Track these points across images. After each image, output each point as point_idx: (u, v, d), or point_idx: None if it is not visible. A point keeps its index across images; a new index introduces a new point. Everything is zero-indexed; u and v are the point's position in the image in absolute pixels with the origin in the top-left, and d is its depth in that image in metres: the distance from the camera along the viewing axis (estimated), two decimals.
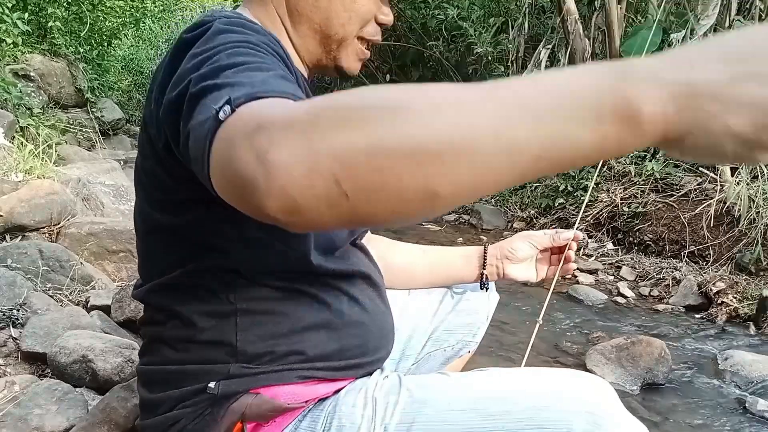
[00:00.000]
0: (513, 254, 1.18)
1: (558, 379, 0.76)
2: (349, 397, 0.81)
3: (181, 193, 0.74)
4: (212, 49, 0.63)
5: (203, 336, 0.79)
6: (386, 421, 0.77)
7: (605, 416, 0.71)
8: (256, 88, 0.51)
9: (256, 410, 0.78)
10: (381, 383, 0.82)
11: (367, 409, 0.79)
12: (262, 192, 0.43)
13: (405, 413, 0.76)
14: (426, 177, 0.40)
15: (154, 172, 0.76)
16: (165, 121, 0.66)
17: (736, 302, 2.56)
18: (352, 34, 0.86)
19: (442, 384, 0.80)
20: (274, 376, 0.80)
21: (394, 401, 0.78)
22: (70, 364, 1.39)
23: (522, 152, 0.39)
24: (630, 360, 1.96)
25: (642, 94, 0.38)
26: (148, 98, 0.76)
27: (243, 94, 0.50)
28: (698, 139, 0.39)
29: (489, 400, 0.75)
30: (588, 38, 3.82)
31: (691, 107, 0.38)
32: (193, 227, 0.77)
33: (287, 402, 0.80)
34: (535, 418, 0.72)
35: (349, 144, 0.40)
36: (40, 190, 2.22)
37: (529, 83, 0.41)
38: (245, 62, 0.59)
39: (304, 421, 0.81)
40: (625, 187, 3.54)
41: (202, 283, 0.79)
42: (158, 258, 0.83)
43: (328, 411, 0.81)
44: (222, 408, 0.78)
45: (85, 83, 5.80)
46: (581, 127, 0.39)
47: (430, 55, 5.64)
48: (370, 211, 0.42)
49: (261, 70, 0.57)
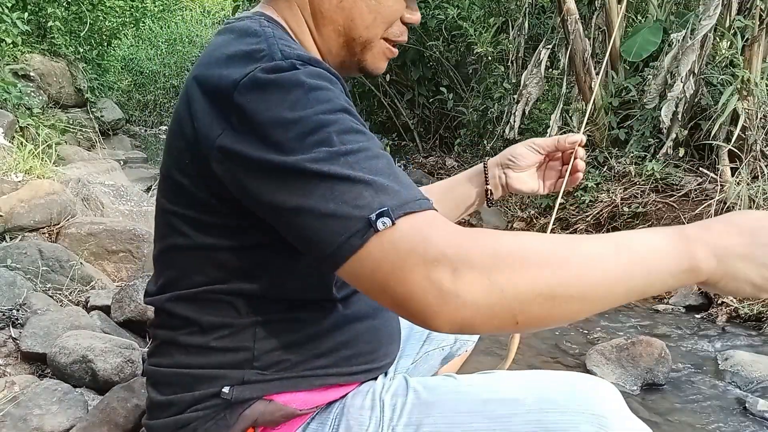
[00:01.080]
0: (514, 162, 1.12)
1: (564, 381, 0.76)
2: (356, 400, 0.81)
3: (234, 219, 0.73)
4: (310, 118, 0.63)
5: (220, 343, 0.79)
6: (394, 422, 0.77)
7: (611, 419, 0.71)
8: (404, 199, 0.60)
9: (269, 417, 0.78)
10: (387, 385, 0.82)
11: (375, 411, 0.79)
12: (440, 317, 0.57)
13: (412, 415, 0.77)
14: (575, 312, 0.59)
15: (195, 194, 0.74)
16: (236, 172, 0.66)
17: (737, 302, 2.56)
18: (377, 37, 0.83)
19: (448, 386, 0.80)
20: (288, 383, 0.79)
21: (401, 403, 0.78)
22: (70, 364, 1.39)
23: (635, 292, 0.60)
24: (630, 360, 1.96)
25: (700, 254, 0.60)
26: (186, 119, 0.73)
27: (395, 204, 0.59)
28: (728, 282, 0.61)
29: (496, 402, 0.75)
30: (588, 38, 3.82)
31: (726, 263, 0.60)
32: (237, 253, 0.76)
33: (299, 408, 0.80)
34: (542, 420, 0.72)
35: (528, 287, 0.57)
36: (39, 190, 2.22)
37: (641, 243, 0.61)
38: (361, 149, 0.63)
39: (312, 424, 0.81)
40: (626, 188, 3.53)
41: (226, 299, 0.78)
42: (183, 273, 0.81)
43: (335, 414, 0.81)
44: (235, 413, 0.78)
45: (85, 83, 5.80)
46: (670, 277, 0.60)
47: (430, 54, 5.64)
48: (527, 330, 0.61)
49: (378, 158, 0.64)
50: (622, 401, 0.75)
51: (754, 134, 3.20)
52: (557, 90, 4.11)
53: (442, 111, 5.73)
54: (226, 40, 0.75)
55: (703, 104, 3.47)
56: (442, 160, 5.44)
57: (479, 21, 4.93)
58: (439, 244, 0.58)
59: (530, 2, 4.52)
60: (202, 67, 0.74)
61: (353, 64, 0.85)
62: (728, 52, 3.46)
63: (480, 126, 5.08)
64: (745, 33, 3.37)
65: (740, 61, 3.32)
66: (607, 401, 0.74)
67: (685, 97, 3.38)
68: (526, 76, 4.02)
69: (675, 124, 3.44)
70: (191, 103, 0.72)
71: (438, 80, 5.76)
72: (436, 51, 5.47)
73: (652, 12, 4.11)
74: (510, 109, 4.25)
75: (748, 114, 3.22)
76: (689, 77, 3.36)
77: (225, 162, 0.67)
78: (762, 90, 3.25)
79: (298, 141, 0.62)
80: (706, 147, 3.48)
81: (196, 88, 0.72)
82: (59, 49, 5.56)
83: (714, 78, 3.47)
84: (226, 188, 0.69)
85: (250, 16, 0.79)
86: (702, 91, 3.48)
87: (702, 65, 3.39)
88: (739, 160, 3.26)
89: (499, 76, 4.71)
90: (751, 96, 3.23)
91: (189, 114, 0.72)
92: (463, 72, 5.57)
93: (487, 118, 4.93)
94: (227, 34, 0.77)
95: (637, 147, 3.65)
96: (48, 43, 5.54)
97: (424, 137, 5.94)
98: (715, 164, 3.36)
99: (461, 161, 5.27)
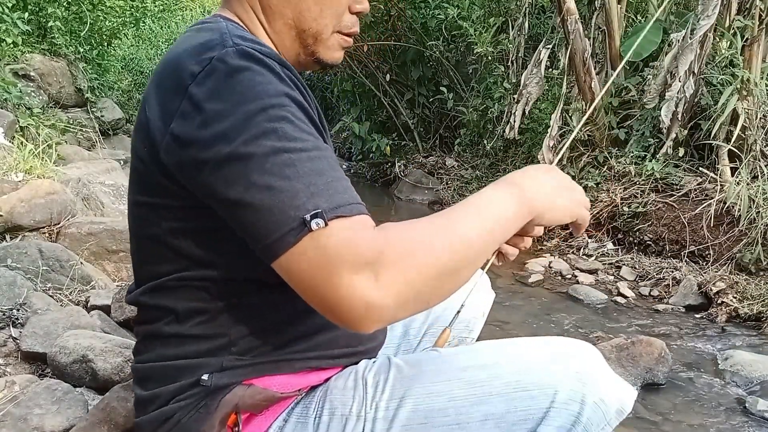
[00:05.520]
0: None
1: (544, 343, 0.79)
2: (339, 382, 0.82)
3: (190, 200, 0.74)
4: (258, 113, 0.66)
5: (197, 330, 0.79)
6: (377, 399, 0.78)
7: (592, 375, 0.74)
8: (337, 202, 0.64)
9: (249, 401, 0.79)
10: (370, 366, 0.84)
11: (358, 390, 0.80)
12: (366, 321, 0.64)
13: (395, 389, 0.78)
14: (468, 276, 0.71)
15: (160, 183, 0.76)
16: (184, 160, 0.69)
17: (737, 302, 2.56)
18: (327, 28, 0.85)
19: (430, 358, 0.83)
20: (267, 366, 0.80)
21: (384, 379, 0.80)
22: (70, 363, 1.38)
23: (497, 243, 0.75)
24: (630, 360, 1.96)
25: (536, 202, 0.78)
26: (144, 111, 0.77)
27: (329, 207, 0.63)
28: (548, 211, 0.79)
29: (476, 368, 0.77)
30: (588, 38, 3.82)
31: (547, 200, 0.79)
32: (198, 236, 0.77)
33: (280, 391, 0.80)
34: (521, 381, 0.74)
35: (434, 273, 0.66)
36: (40, 189, 2.21)
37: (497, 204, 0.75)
38: (304, 148, 0.66)
39: (297, 409, 0.82)
40: (625, 187, 3.53)
41: (196, 284, 0.79)
42: (153, 264, 0.82)
43: (319, 397, 0.82)
44: (215, 400, 0.78)
45: (85, 83, 5.79)
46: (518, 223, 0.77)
47: (430, 54, 5.63)
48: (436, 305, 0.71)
49: (320, 159, 0.67)
50: (602, 360, 0.77)
51: (753, 134, 3.20)
52: (557, 90, 4.11)
53: (442, 111, 5.73)
54: (185, 37, 0.79)
55: (703, 104, 3.47)
56: (442, 159, 5.44)
57: (479, 21, 4.93)
58: (364, 250, 0.63)
59: (530, 2, 4.51)
60: (161, 64, 0.78)
61: (309, 57, 0.87)
62: (728, 52, 3.46)
63: (480, 126, 5.08)
64: (744, 33, 3.37)
65: (740, 61, 3.32)
66: (587, 359, 0.76)
67: (685, 97, 3.38)
68: (526, 76, 4.02)
69: (675, 124, 3.44)
70: (148, 96, 0.77)
71: (438, 80, 5.76)
72: (436, 51, 5.46)
73: (652, 12, 4.11)
74: (510, 108, 4.25)
75: (748, 114, 3.22)
76: (689, 77, 3.36)
77: (172, 149, 0.70)
78: (762, 90, 3.25)
79: (242, 133, 0.65)
80: (706, 147, 3.48)
81: (154, 80, 0.78)
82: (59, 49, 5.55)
83: (714, 78, 3.47)
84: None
85: (209, 18, 0.83)
86: (702, 90, 3.48)
87: (702, 65, 3.39)
88: (739, 160, 3.26)
89: (499, 76, 4.71)
90: (750, 96, 3.23)
91: (145, 106, 0.76)
92: (463, 72, 5.57)
93: (487, 117, 4.93)
94: (186, 34, 0.81)
95: (637, 147, 3.65)
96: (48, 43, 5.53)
97: (424, 137, 5.94)
98: (715, 164, 3.36)
99: (461, 161, 5.27)
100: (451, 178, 5.05)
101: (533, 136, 4.35)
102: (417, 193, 5.12)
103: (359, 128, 5.75)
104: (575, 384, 0.73)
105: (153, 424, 0.81)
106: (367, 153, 5.94)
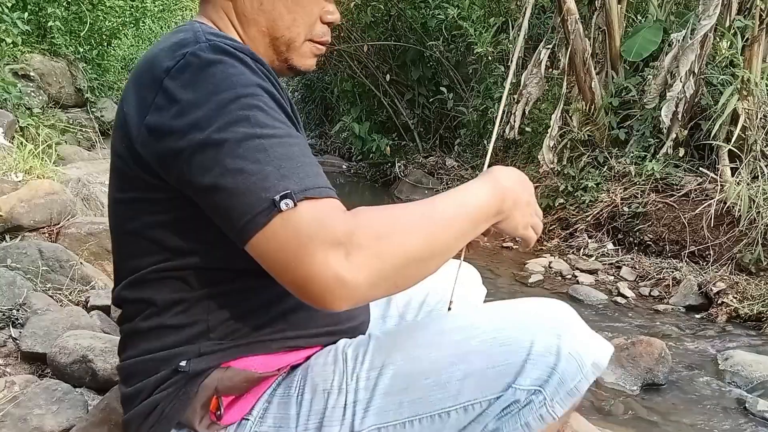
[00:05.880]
0: None
1: (520, 303, 0.82)
2: (319, 359, 0.83)
3: (168, 192, 0.75)
4: (231, 101, 0.68)
5: (176, 320, 0.80)
6: (357, 370, 0.79)
7: (566, 329, 0.76)
8: (306, 185, 0.66)
9: (228, 383, 0.79)
10: (350, 342, 0.85)
11: (338, 364, 0.81)
12: (338, 299, 0.64)
13: (374, 359, 0.79)
14: (438, 264, 0.72)
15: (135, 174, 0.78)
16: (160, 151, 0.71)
17: (737, 302, 2.57)
18: (299, 36, 0.87)
19: (407, 328, 0.86)
20: (245, 348, 0.81)
21: (363, 351, 0.81)
22: (70, 364, 1.38)
23: (468, 238, 0.76)
24: (630, 360, 1.96)
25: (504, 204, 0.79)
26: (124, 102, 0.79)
27: (298, 189, 0.65)
28: (507, 222, 0.81)
29: (453, 330, 0.80)
30: (588, 38, 3.82)
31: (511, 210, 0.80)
32: (175, 227, 0.78)
33: (259, 371, 0.80)
34: (498, 337, 0.76)
35: (405, 257, 0.67)
36: (39, 190, 2.21)
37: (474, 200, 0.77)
38: (275, 134, 0.68)
39: (279, 389, 0.83)
40: (626, 187, 3.54)
41: (175, 275, 0.80)
42: (132, 260, 0.83)
43: (300, 375, 0.83)
44: (195, 385, 0.78)
45: (85, 83, 5.79)
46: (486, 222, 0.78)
47: (430, 54, 5.63)
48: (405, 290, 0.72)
49: (291, 145, 0.69)
50: (577, 316, 0.80)
51: (754, 134, 3.20)
52: (557, 90, 4.11)
53: (442, 111, 5.73)
54: (162, 39, 0.83)
55: (703, 104, 3.47)
56: (442, 159, 5.44)
57: (479, 21, 4.93)
58: (335, 229, 0.64)
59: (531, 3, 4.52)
60: (139, 62, 0.81)
61: (282, 63, 0.90)
62: (728, 52, 3.46)
63: (480, 126, 5.09)
64: (745, 33, 3.37)
65: (740, 61, 3.32)
66: (562, 315, 0.78)
67: (685, 97, 3.38)
68: (526, 76, 4.02)
69: (675, 124, 3.44)
70: (126, 94, 0.79)
71: (438, 80, 5.76)
72: (436, 51, 5.47)
73: (652, 12, 4.11)
74: (510, 109, 4.25)
75: (748, 114, 3.22)
76: (689, 77, 3.36)
77: (147, 141, 0.72)
78: (762, 90, 3.25)
79: (216, 121, 0.67)
80: (706, 147, 3.48)
81: (131, 78, 0.80)
82: (59, 49, 5.55)
83: (714, 78, 3.47)
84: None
85: (185, 23, 0.86)
86: (702, 91, 3.48)
87: (702, 65, 3.39)
88: (739, 160, 3.26)
89: (499, 76, 4.71)
90: (751, 96, 3.23)
91: (123, 103, 0.78)
92: (463, 72, 5.57)
93: (487, 118, 4.93)
94: (164, 36, 0.84)
95: (637, 147, 3.65)
96: (48, 43, 5.53)
97: (424, 137, 5.94)
98: (715, 164, 3.36)
99: (461, 161, 5.27)
100: (451, 178, 5.05)
101: (533, 136, 4.35)
102: (417, 193, 5.11)
103: (359, 128, 5.75)
104: (550, 337, 0.75)
105: (139, 417, 0.81)
106: (367, 153, 5.94)
